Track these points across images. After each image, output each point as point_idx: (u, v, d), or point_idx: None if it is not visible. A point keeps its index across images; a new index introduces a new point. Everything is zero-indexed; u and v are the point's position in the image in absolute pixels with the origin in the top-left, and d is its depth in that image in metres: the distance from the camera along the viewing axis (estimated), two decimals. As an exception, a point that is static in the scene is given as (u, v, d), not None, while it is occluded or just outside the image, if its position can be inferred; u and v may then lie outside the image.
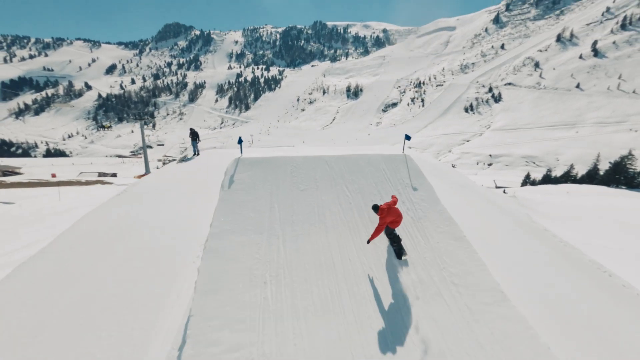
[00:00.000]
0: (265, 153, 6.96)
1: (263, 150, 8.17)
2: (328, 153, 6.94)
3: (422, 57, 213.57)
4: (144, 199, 7.21)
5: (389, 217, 4.70)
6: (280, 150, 7.58)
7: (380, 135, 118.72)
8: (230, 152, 10.02)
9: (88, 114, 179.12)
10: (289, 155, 6.74)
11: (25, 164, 65.94)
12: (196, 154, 11.00)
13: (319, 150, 7.69)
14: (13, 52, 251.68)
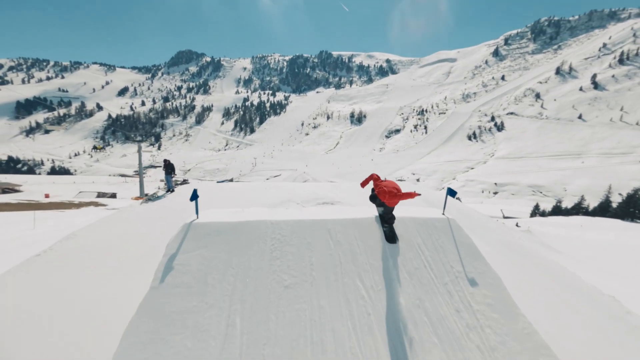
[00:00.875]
0: (235, 216, 3.86)
1: (230, 213, 4.14)
2: (332, 216, 4.09)
3: (424, 86, 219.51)
4: (66, 269, 4.95)
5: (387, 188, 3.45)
6: (257, 212, 3.54)
7: (384, 161, 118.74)
8: (211, 188, 8.77)
9: (96, 133, 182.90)
10: (271, 218, 3.85)
11: (27, 181, 65.80)
12: (170, 191, 9.27)
13: (316, 212, 3.84)
14: (32, 74, 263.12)
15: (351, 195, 7.21)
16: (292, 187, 8.09)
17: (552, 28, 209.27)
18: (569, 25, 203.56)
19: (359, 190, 8.60)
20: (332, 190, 7.44)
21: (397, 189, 3.48)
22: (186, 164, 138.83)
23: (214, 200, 6.80)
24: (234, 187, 8.67)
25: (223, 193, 8.08)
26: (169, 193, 8.92)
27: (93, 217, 13.42)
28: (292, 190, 7.46)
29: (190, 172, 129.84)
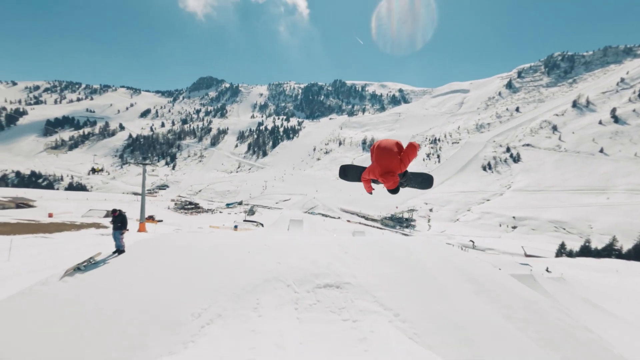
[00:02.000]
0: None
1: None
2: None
3: (437, 115, 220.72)
4: None
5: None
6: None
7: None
8: (175, 244, 6.98)
9: (116, 152, 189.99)
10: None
11: (42, 196, 67.12)
12: (118, 252, 7.09)
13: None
14: (64, 95, 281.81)
15: (365, 267, 5.62)
16: (285, 251, 6.40)
17: (566, 62, 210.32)
18: (583, 60, 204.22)
19: (374, 257, 7.03)
20: (339, 259, 5.82)
21: (387, 167, 2.36)
22: (197, 184, 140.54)
23: (171, 277, 5.29)
24: (211, 245, 6.97)
25: (189, 259, 6.20)
26: (114, 256, 6.65)
27: (81, 244, 12.45)
28: (283, 256, 5.83)
29: (201, 192, 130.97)
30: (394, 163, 2.33)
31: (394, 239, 10.95)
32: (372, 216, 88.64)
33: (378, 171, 2.39)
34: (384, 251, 8.06)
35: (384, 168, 2.35)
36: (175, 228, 27.07)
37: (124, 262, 6.25)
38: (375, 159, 2.43)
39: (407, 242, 10.30)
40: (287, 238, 7.46)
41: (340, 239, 7.83)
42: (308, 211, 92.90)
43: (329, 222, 64.46)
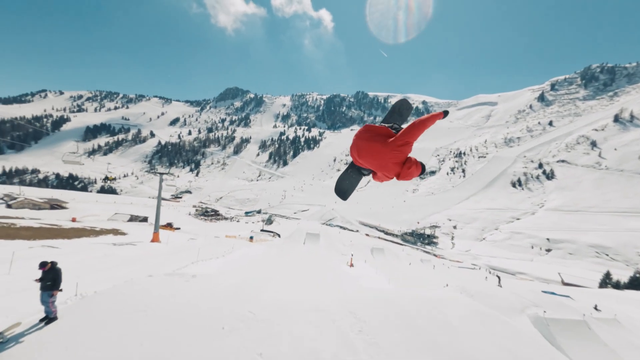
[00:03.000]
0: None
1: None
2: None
3: (462, 128, 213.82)
4: None
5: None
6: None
7: (418, 203, 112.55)
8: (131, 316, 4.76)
9: (145, 158, 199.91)
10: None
11: (75, 198, 70.94)
12: (47, 320, 5.48)
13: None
14: (103, 104, 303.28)
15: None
16: (274, 327, 4.59)
17: (605, 74, 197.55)
18: (625, 72, 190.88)
19: (401, 342, 5.18)
20: (351, 346, 3.83)
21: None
22: (218, 191, 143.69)
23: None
24: (178, 308, 5.02)
25: (136, 336, 4.34)
26: (39, 327, 5.05)
27: (87, 256, 12.12)
28: (269, 339, 4.16)
29: (221, 199, 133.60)
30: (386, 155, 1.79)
31: (426, 300, 9.20)
32: (392, 231, 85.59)
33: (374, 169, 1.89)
34: (415, 328, 6.31)
35: (375, 167, 1.84)
36: (191, 237, 26.91)
37: (47, 340, 4.36)
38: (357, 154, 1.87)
39: (447, 309, 8.43)
40: (282, 297, 5.60)
41: (355, 306, 5.99)
42: (326, 222, 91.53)
43: (347, 235, 62.69)
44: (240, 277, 6.27)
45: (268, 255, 22.04)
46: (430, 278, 27.98)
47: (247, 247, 25.50)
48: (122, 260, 12.63)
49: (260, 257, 19.62)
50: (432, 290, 12.75)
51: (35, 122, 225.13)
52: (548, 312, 10.65)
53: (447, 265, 44.87)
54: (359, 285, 9.61)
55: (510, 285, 32.16)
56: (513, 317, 11.03)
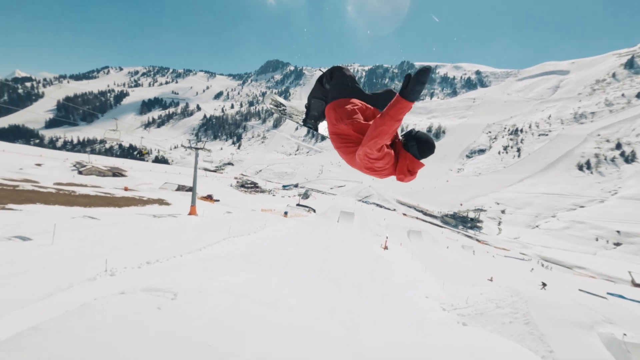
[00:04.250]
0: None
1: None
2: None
3: (521, 101, 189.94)
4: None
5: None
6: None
7: (463, 184, 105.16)
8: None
9: (193, 130, 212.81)
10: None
11: (133, 167, 78.40)
12: None
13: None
14: (156, 79, 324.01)
15: None
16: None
17: None
18: None
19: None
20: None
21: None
22: (258, 164, 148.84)
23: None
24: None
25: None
26: None
27: (126, 228, 12.71)
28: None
29: (260, 172, 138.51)
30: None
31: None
32: (431, 212, 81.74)
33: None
34: None
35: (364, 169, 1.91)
36: (227, 211, 27.86)
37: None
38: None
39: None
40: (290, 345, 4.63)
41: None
42: (362, 199, 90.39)
43: (383, 214, 61.16)
44: (245, 290, 5.59)
45: (299, 235, 21.83)
46: (471, 267, 25.95)
47: (281, 223, 25.65)
48: (158, 234, 13.01)
49: (290, 237, 19.43)
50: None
51: (101, 96, 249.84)
52: (629, 334, 8.69)
53: (491, 254, 41.66)
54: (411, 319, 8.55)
55: (566, 281, 28.71)
56: (578, 335, 9.25)
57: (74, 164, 59.76)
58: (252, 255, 11.78)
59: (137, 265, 9.21)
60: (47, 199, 17.29)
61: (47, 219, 11.67)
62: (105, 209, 18.58)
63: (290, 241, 18.02)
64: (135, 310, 3.02)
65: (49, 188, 20.51)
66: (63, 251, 9.25)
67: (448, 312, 11.85)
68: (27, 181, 22.67)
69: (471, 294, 12.72)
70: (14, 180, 21.26)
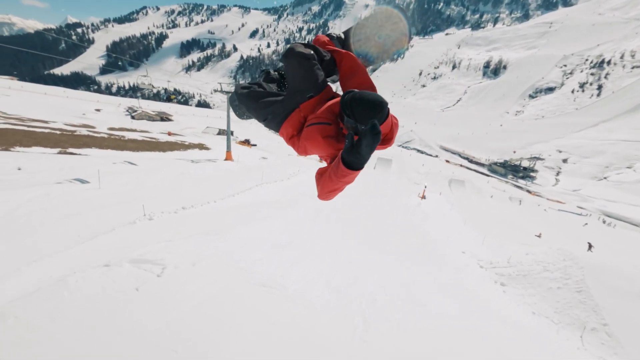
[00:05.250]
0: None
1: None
2: None
3: (616, 23, 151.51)
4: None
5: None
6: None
7: (519, 129, 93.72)
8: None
9: (231, 73, 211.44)
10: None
11: (177, 111, 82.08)
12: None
13: None
14: (191, 18, 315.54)
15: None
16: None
17: None
18: None
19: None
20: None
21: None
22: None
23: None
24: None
25: None
26: None
27: (167, 173, 13.35)
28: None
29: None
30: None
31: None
32: (478, 159, 75.73)
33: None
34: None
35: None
36: (263, 156, 28.27)
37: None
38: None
39: None
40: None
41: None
42: (402, 144, 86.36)
43: (424, 160, 58.14)
44: (260, 249, 5.24)
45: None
46: (518, 222, 24.15)
47: (316, 168, 25.48)
48: (194, 180, 13.51)
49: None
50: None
51: (143, 40, 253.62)
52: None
53: (543, 207, 38.30)
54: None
55: (633, 241, 25.64)
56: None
57: (126, 109, 64.10)
58: (281, 203, 11.80)
59: (174, 210, 9.71)
60: (101, 144, 18.75)
61: (98, 163, 12.61)
62: (151, 154, 19.78)
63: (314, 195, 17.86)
64: (109, 291, 2.84)
65: (102, 133, 22.25)
66: (109, 195, 10.00)
67: (485, 270, 11.19)
68: (85, 126, 24.76)
69: (515, 253, 11.74)
70: (73, 126, 23.31)
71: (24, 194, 8.26)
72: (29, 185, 9.06)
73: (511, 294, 9.45)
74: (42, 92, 56.27)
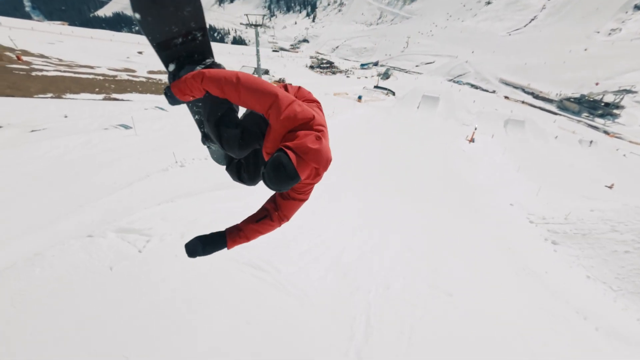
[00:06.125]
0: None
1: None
2: None
3: None
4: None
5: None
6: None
7: (609, 53, 75.67)
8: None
9: (265, 3, 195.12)
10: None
11: (214, 50, 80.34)
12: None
13: None
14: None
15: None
16: None
17: None
18: None
19: None
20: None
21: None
22: (334, 40, 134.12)
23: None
24: None
25: None
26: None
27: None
28: None
29: (337, 49, 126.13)
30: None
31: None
32: (547, 94, 64.68)
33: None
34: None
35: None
36: (297, 97, 27.03)
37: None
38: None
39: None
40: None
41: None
42: (453, 79, 76.58)
43: (478, 97, 51.38)
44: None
45: (370, 124, 20.14)
46: (586, 170, 20.94)
47: (352, 110, 23.96)
48: (225, 124, 13.36)
49: (359, 127, 18.05)
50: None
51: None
52: None
53: (622, 152, 32.60)
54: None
55: None
56: None
57: (165, 50, 64.42)
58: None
59: (204, 156, 9.80)
60: (140, 88, 19.18)
61: (135, 109, 12.94)
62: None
63: (358, 132, 16.80)
64: (81, 271, 2.67)
65: (140, 77, 22.66)
66: (145, 141, 10.33)
67: (536, 225, 10.04)
68: (126, 70, 25.37)
69: (576, 208, 10.21)
70: (116, 70, 23.99)
71: (69, 140, 8.83)
72: (73, 132, 9.65)
73: (563, 254, 8.46)
74: (89, 37, 58.05)
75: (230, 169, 1.64)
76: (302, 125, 1.10)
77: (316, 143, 1.02)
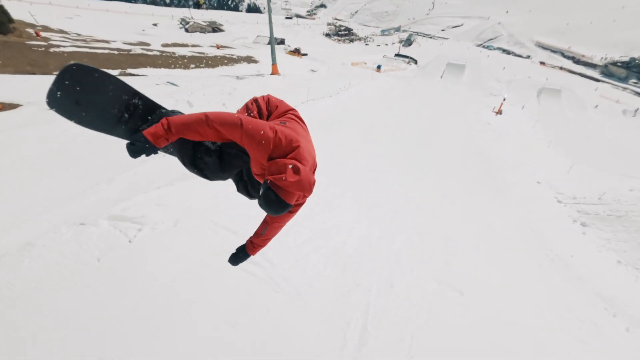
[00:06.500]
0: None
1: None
2: None
3: None
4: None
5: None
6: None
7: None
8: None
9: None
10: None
11: (227, 20, 77.76)
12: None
13: None
14: None
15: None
16: None
17: None
18: None
19: None
20: None
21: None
22: (353, 3, 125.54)
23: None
24: None
25: None
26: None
27: (211, 92, 13.15)
28: None
29: (357, 14, 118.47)
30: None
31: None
32: (590, 58, 58.33)
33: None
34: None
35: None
36: (312, 68, 25.91)
37: None
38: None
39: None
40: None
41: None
42: (483, 44, 70.54)
43: (509, 63, 47.29)
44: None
45: (388, 96, 19.14)
46: (628, 144, 19.13)
47: (369, 81, 22.77)
48: (240, 98, 13.12)
49: (376, 100, 17.20)
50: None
51: None
52: None
53: (673, 122, 29.34)
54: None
55: None
56: None
57: (179, 21, 62.95)
58: (325, 124, 10.88)
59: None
60: (154, 62, 19.03)
61: (147, 85, 12.89)
62: (199, 71, 19.64)
63: (374, 105, 16.02)
64: (69, 262, 2.60)
65: (154, 51, 22.41)
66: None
67: (564, 205, 9.38)
68: (140, 44, 25.17)
69: (613, 188, 9.39)
70: (130, 44, 23.84)
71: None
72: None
73: (592, 237, 7.90)
74: (104, 10, 57.69)
75: (240, 192, 1.73)
76: (277, 149, 1.16)
77: (294, 176, 1.07)
